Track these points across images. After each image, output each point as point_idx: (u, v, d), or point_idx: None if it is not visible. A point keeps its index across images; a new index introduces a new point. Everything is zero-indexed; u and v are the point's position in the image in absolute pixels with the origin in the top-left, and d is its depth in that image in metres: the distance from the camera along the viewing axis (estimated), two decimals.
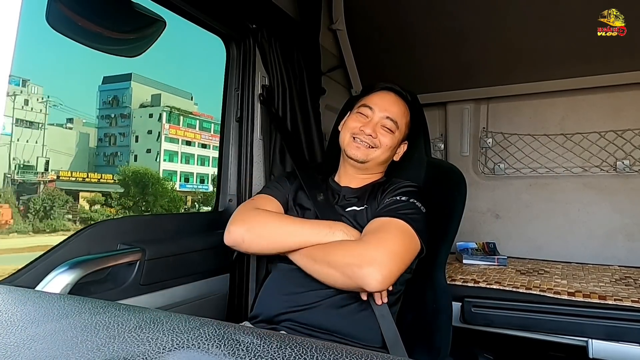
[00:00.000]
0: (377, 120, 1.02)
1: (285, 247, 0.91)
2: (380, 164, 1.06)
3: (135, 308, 0.48)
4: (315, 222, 0.94)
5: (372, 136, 1.01)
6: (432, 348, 0.95)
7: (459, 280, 1.40)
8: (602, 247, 1.77)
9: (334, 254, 0.85)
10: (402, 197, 0.94)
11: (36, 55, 54.18)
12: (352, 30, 1.90)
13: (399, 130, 1.04)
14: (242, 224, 0.94)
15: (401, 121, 1.04)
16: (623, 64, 1.67)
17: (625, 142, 1.78)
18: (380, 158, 1.03)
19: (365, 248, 0.82)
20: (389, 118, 1.02)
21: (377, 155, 1.02)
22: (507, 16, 1.69)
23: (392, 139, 1.02)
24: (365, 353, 0.35)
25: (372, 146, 1.01)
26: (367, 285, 0.79)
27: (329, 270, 0.84)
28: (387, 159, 1.06)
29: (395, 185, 1.01)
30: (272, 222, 0.94)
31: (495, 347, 1.40)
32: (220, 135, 1.38)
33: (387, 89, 1.07)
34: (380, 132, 1.01)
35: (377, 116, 1.02)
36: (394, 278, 0.82)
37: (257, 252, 0.99)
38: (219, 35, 1.35)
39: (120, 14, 0.92)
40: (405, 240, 0.86)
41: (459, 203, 1.06)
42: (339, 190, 1.06)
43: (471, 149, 2.04)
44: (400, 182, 1.02)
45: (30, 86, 26.78)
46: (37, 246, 12.33)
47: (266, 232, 0.92)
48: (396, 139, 1.04)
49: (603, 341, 1.16)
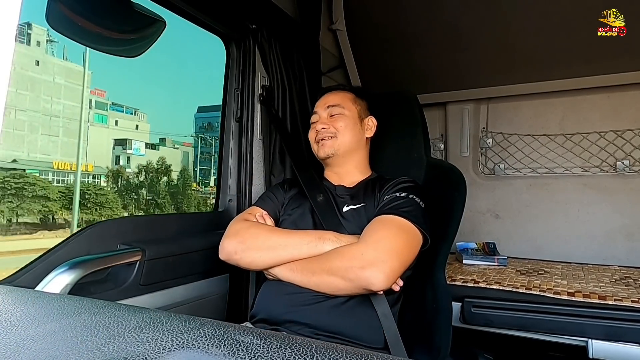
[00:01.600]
0: (324, 115, 1.10)
1: (277, 260, 0.90)
2: (350, 147, 1.08)
3: (135, 308, 0.48)
4: (304, 232, 0.93)
5: (325, 128, 1.07)
6: (432, 348, 0.95)
7: (459, 280, 1.40)
8: (602, 247, 1.77)
9: (332, 260, 0.84)
10: (401, 193, 0.94)
11: (145, 90, 64.06)
12: (352, 30, 1.90)
13: (346, 109, 1.09)
14: (234, 237, 0.95)
15: (344, 101, 1.10)
16: (623, 64, 1.67)
17: (625, 142, 1.78)
18: (345, 140, 1.07)
19: (365, 248, 0.82)
20: (330, 106, 1.10)
21: (341, 141, 1.06)
22: (507, 16, 1.69)
23: (343, 119, 1.08)
24: (365, 353, 0.35)
25: (332, 135, 1.06)
26: (371, 285, 0.79)
27: (329, 279, 0.84)
28: (354, 139, 1.08)
29: (393, 181, 1.02)
30: (263, 235, 0.94)
31: (495, 347, 1.40)
32: (220, 135, 1.38)
33: (323, 92, 1.17)
34: (330, 120, 1.08)
35: (322, 113, 1.10)
36: (398, 274, 0.82)
37: (251, 266, 0.96)
38: (219, 35, 1.35)
39: (120, 14, 0.92)
40: (405, 236, 0.86)
41: (459, 203, 1.06)
42: (334, 188, 1.08)
43: (471, 149, 2.04)
44: (398, 179, 1.02)
45: (139, 114, 30.84)
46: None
47: (257, 244, 0.92)
48: (348, 117, 1.08)
49: (603, 341, 1.16)
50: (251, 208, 1.08)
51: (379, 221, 0.89)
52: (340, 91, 1.15)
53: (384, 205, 0.93)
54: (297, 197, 1.10)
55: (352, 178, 1.09)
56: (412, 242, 0.87)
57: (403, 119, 1.22)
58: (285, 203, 1.09)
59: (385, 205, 0.93)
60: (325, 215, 0.98)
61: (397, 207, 0.90)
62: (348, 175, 1.10)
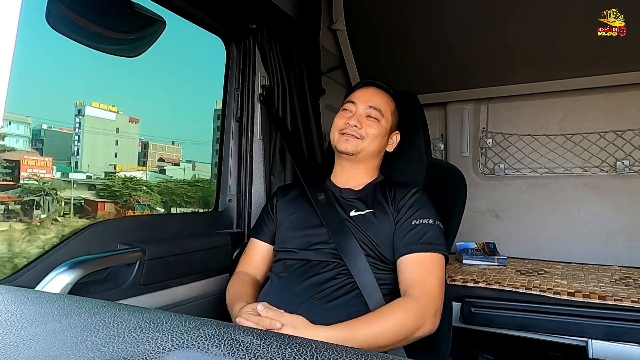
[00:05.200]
0: (362, 112, 1.05)
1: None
2: (371, 155, 1.07)
3: (135, 308, 0.48)
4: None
5: (357, 127, 1.03)
6: (432, 348, 0.95)
7: (459, 280, 1.40)
8: (602, 247, 1.77)
9: (384, 335, 0.80)
10: (428, 220, 0.94)
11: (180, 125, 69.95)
12: (352, 30, 1.90)
13: (384, 118, 1.06)
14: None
15: (385, 109, 1.07)
16: (623, 64, 1.67)
17: (625, 142, 1.78)
18: (370, 148, 1.04)
19: (413, 310, 0.83)
20: (372, 107, 1.05)
21: (366, 145, 1.04)
22: (507, 16, 1.69)
23: (378, 127, 1.05)
24: (365, 353, 0.35)
25: (359, 137, 1.03)
26: (425, 335, 0.84)
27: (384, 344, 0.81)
28: (378, 149, 1.07)
29: (408, 193, 1.00)
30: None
31: (495, 347, 1.40)
32: (220, 135, 1.38)
33: (369, 84, 1.12)
34: (365, 122, 1.04)
35: (360, 108, 1.06)
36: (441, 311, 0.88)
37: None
38: (219, 35, 1.34)
39: (120, 14, 0.92)
40: (442, 271, 0.91)
41: (459, 203, 1.06)
42: (339, 191, 1.06)
43: (471, 149, 2.04)
44: (411, 189, 1.01)
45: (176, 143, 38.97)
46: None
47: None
48: (383, 127, 1.06)
49: (603, 341, 1.16)
50: (250, 243, 1.11)
51: (418, 263, 0.90)
52: (386, 94, 1.10)
53: (413, 236, 0.93)
54: (296, 197, 1.10)
55: (360, 180, 1.08)
56: (444, 271, 0.92)
57: (403, 119, 1.22)
58: (282, 209, 1.09)
59: (415, 237, 0.92)
60: (326, 214, 0.98)
61: (430, 240, 0.92)
62: (356, 178, 1.08)
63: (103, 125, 29.44)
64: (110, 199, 17.55)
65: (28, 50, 59.72)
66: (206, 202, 16.93)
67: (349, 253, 0.92)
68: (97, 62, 78.48)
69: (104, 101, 39.82)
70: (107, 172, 26.78)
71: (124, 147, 30.83)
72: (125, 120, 31.99)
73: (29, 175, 21.55)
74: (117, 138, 30.10)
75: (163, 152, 35.99)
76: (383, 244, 0.94)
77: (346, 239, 0.93)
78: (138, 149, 32.51)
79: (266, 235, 1.09)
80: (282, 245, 1.02)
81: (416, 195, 0.99)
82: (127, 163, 29.94)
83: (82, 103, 29.93)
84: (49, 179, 23.07)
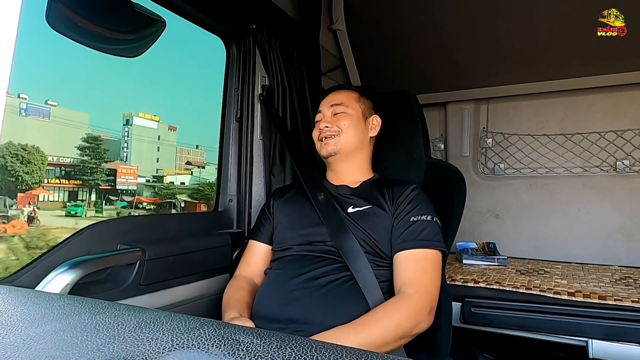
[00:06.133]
0: (328, 114, 1.09)
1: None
2: (354, 146, 1.08)
3: (135, 308, 0.48)
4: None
5: (328, 127, 1.07)
6: (432, 348, 0.95)
7: (459, 280, 1.40)
8: (602, 247, 1.77)
9: (382, 336, 0.79)
10: (427, 216, 0.95)
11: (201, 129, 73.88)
12: (352, 30, 1.90)
13: (349, 108, 1.09)
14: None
15: (347, 100, 1.10)
16: (623, 64, 1.67)
17: (625, 142, 1.78)
18: (349, 138, 1.06)
19: (408, 310, 0.83)
20: (334, 104, 1.09)
21: (344, 139, 1.06)
22: (507, 16, 1.69)
23: (347, 118, 1.07)
24: (365, 353, 0.35)
25: (335, 134, 1.06)
26: (421, 331, 0.85)
27: (381, 345, 0.80)
28: (358, 137, 1.08)
29: (406, 189, 1.01)
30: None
31: (495, 347, 1.40)
32: (220, 135, 1.38)
33: (328, 91, 1.17)
34: (333, 119, 1.08)
35: (326, 112, 1.10)
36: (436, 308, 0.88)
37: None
38: (219, 35, 1.34)
39: (120, 14, 0.92)
40: (439, 268, 0.91)
41: (459, 203, 1.06)
42: (335, 189, 1.07)
43: (471, 149, 2.04)
44: (409, 185, 1.02)
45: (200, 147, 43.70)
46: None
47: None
48: (352, 116, 1.08)
49: (603, 341, 1.16)
50: (248, 246, 1.12)
51: (414, 259, 0.90)
52: (344, 90, 1.15)
53: (410, 232, 0.93)
54: (293, 197, 1.11)
55: (355, 178, 1.09)
56: (440, 267, 0.93)
57: (403, 119, 1.22)
58: (279, 210, 1.10)
59: (413, 233, 0.93)
60: (326, 214, 0.98)
61: (427, 237, 0.92)
62: (350, 176, 1.09)
63: (147, 133, 34.07)
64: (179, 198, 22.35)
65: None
66: None
67: (349, 253, 0.92)
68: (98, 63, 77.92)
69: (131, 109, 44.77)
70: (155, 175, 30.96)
71: (163, 152, 35.78)
72: (165, 128, 36.50)
73: (126, 181, 24.54)
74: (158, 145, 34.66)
75: (189, 156, 39.92)
76: (381, 240, 0.95)
77: (346, 238, 0.94)
78: (174, 155, 36.67)
79: (264, 237, 1.10)
80: (280, 244, 1.03)
81: (414, 192, 1.00)
82: (167, 167, 34.23)
83: (130, 114, 33.84)
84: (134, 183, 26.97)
